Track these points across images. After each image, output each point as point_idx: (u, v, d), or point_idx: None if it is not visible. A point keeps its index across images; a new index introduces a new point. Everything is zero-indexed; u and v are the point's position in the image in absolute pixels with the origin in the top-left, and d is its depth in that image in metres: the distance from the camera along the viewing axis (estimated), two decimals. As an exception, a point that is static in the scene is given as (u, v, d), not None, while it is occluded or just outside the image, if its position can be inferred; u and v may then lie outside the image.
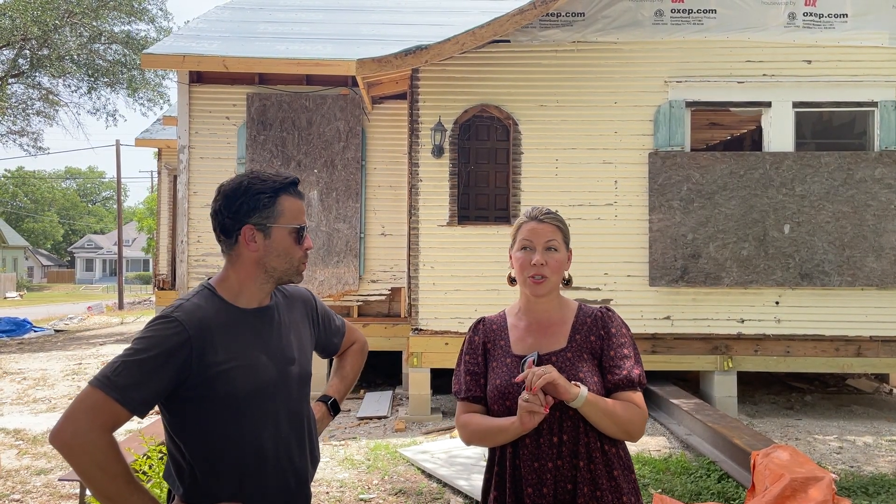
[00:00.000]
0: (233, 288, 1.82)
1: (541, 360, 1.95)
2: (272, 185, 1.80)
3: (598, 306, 2.09)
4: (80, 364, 11.16)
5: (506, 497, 1.95)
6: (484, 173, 7.91)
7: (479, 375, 2.06)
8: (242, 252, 1.81)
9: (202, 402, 1.72)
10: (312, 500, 1.79)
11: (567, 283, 2.10)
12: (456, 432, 6.53)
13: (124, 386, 1.61)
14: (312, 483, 1.97)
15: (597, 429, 1.91)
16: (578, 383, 1.87)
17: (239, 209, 1.78)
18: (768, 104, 7.54)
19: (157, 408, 1.75)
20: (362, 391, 8.77)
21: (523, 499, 1.91)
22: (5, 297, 37.12)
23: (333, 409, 2.11)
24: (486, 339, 2.09)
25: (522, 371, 1.89)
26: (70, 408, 1.61)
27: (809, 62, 7.53)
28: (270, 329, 1.85)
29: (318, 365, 8.76)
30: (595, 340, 1.99)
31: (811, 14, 7.54)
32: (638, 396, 1.97)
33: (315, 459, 1.96)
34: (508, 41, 7.56)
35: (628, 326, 2.06)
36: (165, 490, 1.96)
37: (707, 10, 7.56)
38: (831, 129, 10.34)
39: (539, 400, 1.81)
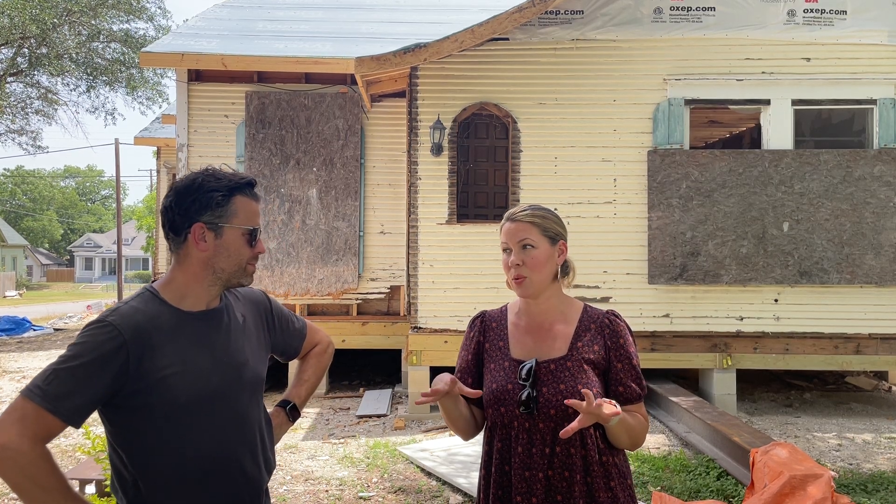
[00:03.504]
0: (178, 290, 1.75)
1: (539, 367, 1.90)
2: (227, 184, 1.75)
3: (604, 310, 2.01)
4: (80, 363, 11.16)
5: (489, 502, 1.93)
6: (483, 171, 7.91)
7: (465, 373, 2.03)
8: (191, 251, 1.74)
9: (143, 409, 1.64)
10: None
11: (556, 277, 1.99)
12: (455, 430, 6.54)
13: (56, 395, 1.53)
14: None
15: (592, 440, 1.87)
16: (616, 404, 1.79)
17: (190, 206, 1.72)
18: (767, 102, 7.53)
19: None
20: (362, 389, 8.78)
21: None
22: (5, 296, 37.11)
23: (292, 414, 2.04)
24: (482, 338, 2.05)
25: (520, 377, 1.88)
26: (3, 420, 1.53)
27: (808, 60, 7.53)
28: (218, 332, 1.78)
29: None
30: (598, 350, 1.92)
31: (811, 11, 7.54)
32: (643, 409, 1.95)
33: (270, 467, 1.90)
34: (507, 39, 7.56)
35: (632, 331, 2.00)
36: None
37: (706, 7, 7.55)
38: (830, 127, 10.34)
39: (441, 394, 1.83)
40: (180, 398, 1.66)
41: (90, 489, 4.43)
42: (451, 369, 2.12)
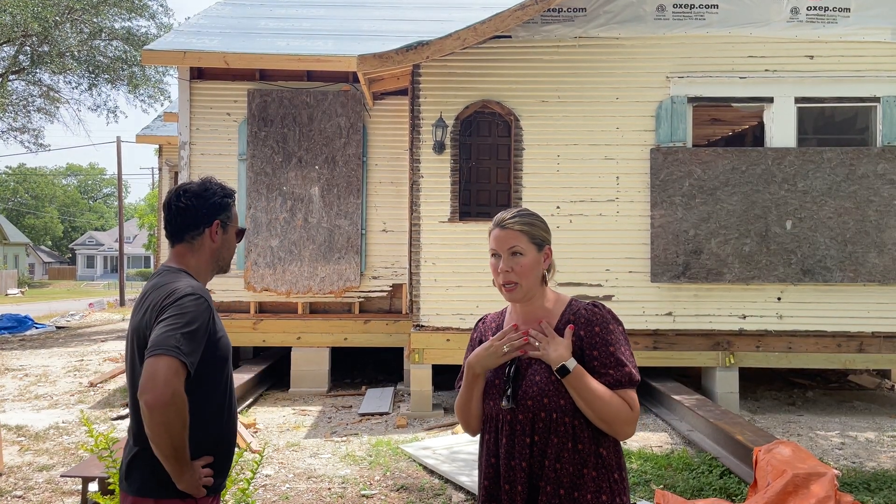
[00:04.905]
0: (195, 272, 2.20)
1: (520, 362, 1.98)
2: (231, 193, 2.27)
3: (586, 302, 2.04)
4: (82, 360, 11.17)
5: (481, 490, 2.03)
6: (485, 169, 7.90)
7: None
8: (205, 243, 2.20)
9: (203, 363, 2.04)
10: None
11: (542, 280, 2.05)
12: (457, 428, 6.54)
13: (188, 352, 1.96)
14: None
15: (565, 428, 1.90)
16: (571, 360, 1.89)
17: (212, 206, 2.19)
18: (770, 100, 7.52)
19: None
20: (364, 387, 8.77)
21: (500, 495, 1.96)
22: (7, 294, 37.17)
23: None
24: (482, 338, 2.15)
25: (506, 374, 1.97)
26: (160, 374, 1.89)
27: (812, 57, 7.51)
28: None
29: (322, 361, 8.77)
30: (574, 341, 1.95)
31: (814, 8, 7.51)
32: (629, 396, 1.93)
33: None
34: (510, 37, 7.54)
35: (618, 321, 2.00)
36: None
37: (709, 5, 7.53)
38: (833, 125, 10.31)
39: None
40: (225, 355, 2.16)
41: (93, 487, 4.41)
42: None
